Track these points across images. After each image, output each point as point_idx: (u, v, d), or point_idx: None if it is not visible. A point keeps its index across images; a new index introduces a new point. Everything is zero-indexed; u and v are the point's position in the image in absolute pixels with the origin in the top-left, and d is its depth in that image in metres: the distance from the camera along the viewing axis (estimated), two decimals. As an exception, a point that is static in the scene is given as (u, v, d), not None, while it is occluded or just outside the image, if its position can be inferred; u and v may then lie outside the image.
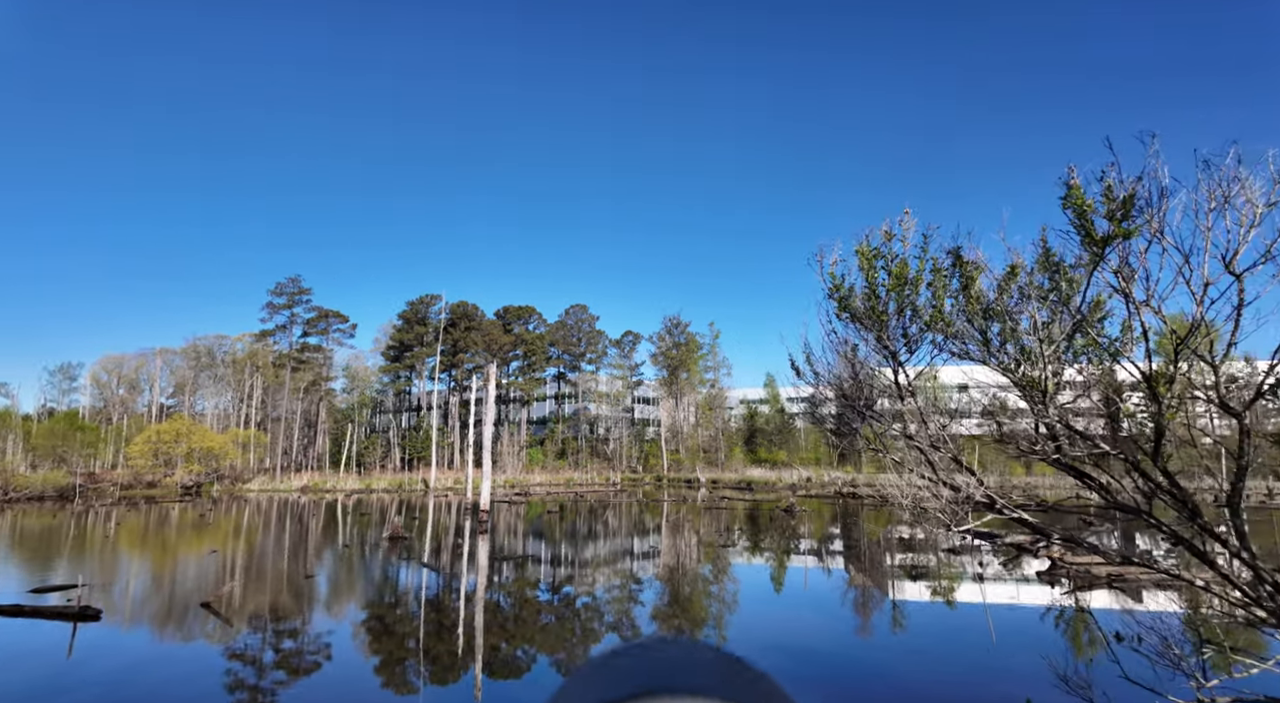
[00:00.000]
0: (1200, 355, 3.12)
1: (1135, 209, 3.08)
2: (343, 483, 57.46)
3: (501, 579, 15.83)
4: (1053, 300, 3.46)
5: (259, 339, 75.16)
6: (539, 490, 53.30)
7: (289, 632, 10.95)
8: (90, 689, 7.91)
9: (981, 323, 3.61)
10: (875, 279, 3.88)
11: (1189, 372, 3.23)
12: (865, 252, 3.90)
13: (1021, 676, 7.82)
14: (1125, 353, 3.38)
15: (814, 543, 22.81)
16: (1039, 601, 12.76)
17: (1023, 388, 3.42)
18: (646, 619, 11.71)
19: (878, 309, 3.84)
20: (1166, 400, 3.08)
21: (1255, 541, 13.84)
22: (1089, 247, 3.22)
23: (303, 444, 73.27)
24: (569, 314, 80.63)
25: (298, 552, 20.12)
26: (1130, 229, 3.08)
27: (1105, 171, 3.11)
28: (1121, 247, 3.17)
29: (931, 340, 3.89)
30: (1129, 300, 3.22)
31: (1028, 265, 3.59)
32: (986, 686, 7.91)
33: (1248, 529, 3.13)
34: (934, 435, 3.68)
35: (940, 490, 3.56)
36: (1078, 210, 3.19)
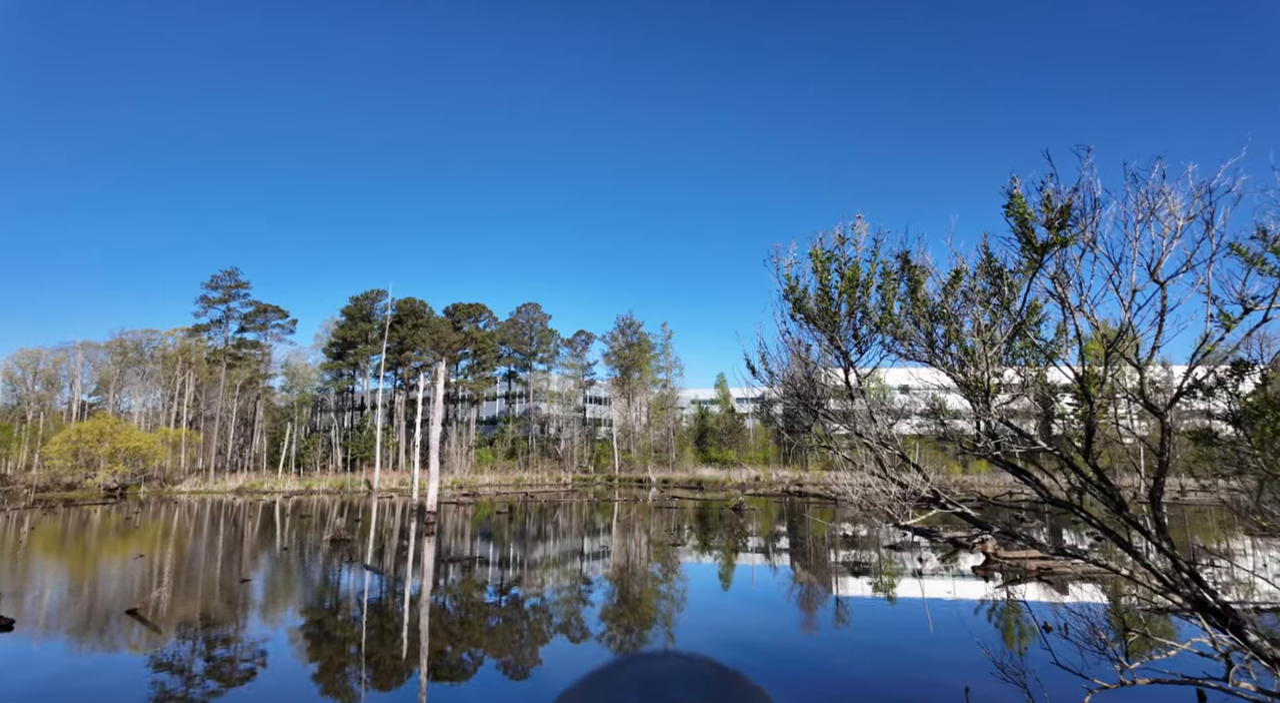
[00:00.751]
0: (1127, 358, 3.32)
1: (1071, 219, 3.26)
2: (281, 484, 55.38)
3: (448, 582, 15.53)
4: (994, 304, 3.63)
5: (192, 334, 71.76)
6: (488, 491, 52.52)
7: (222, 639, 10.47)
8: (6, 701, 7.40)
9: (928, 325, 3.75)
10: (828, 281, 3.98)
11: (1117, 374, 3.44)
12: (819, 254, 4.00)
13: (959, 665, 8.13)
14: (1060, 355, 3.58)
15: (761, 541, 23.19)
16: (975, 594, 13.29)
17: (965, 388, 3.57)
18: (595, 620, 11.67)
19: (830, 311, 3.94)
20: (1097, 400, 3.27)
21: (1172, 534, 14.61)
22: (1029, 253, 3.39)
23: (238, 444, 70.31)
24: (521, 313, 79.80)
25: (232, 555, 19.28)
26: (1067, 238, 3.26)
27: (1045, 183, 3.28)
28: (1058, 254, 3.35)
29: (881, 341, 4.02)
30: (1064, 305, 3.41)
31: (971, 270, 3.76)
32: (926, 676, 8.18)
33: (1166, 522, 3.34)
34: (882, 434, 3.81)
35: (889, 487, 3.68)
36: (1019, 219, 3.35)
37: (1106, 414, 3.50)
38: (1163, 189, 3.19)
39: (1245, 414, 3.22)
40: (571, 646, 10.05)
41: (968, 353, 3.61)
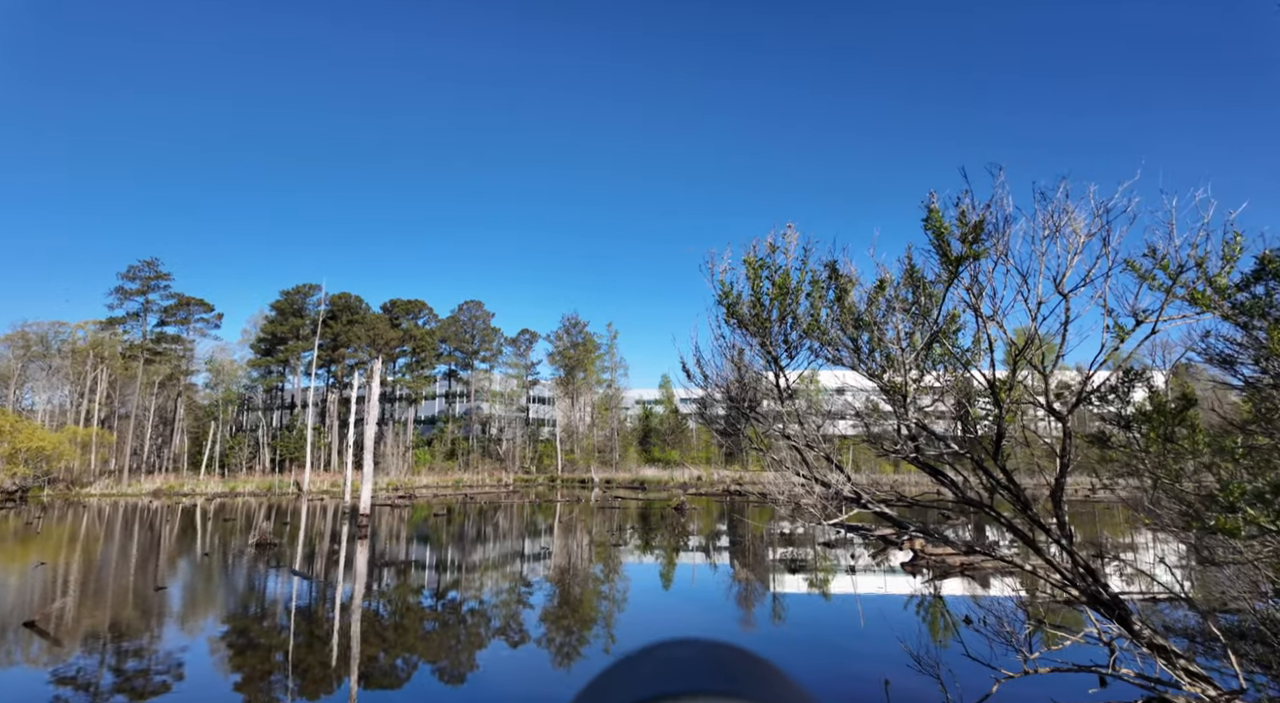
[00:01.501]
0: (1034, 365, 3.56)
1: (985, 233, 3.47)
2: (203, 486, 52.59)
3: (382, 586, 15.11)
4: (915, 313, 3.82)
5: (106, 327, 67.29)
6: (426, 493, 51.26)
7: (134, 651, 9.87)
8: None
9: (853, 332, 3.92)
10: (760, 288, 4.10)
11: (1026, 380, 3.68)
12: (752, 262, 4.11)
13: (883, 658, 8.46)
14: (975, 362, 3.80)
15: (702, 540, 23.50)
16: (903, 589, 13.85)
17: (887, 393, 3.74)
18: (535, 623, 11.58)
19: (762, 317, 4.06)
20: (1006, 405, 3.49)
21: (1080, 530, 15.56)
22: (946, 265, 3.59)
23: (156, 444, 66.39)
24: (463, 310, 78.24)
25: (147, 562, 18.19)
26: (979, 251, 3.46)
27: (960, 199, 3.48)
28: (973, 266, 3.56)
29: (809, 347, 4.16)
30: (978, 315, 3.62)
31: (895, 280, 3.94)
32: (852, 669, 8.47)
33: (1068, 520, 3.59)
34: (809, 436, 3.95)
35: (814, 487, 3.82)
36: (936, 232, 3.54)
37: (1017, 419, 3.75)
38: (1066, 207, 3.43)
39: (1135, 419, 3.51)
40: (510, 649, 9.95)
41: (889, 359, 3.79)
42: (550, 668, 8.97)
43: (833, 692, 7.41)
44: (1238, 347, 3.24)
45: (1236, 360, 3.34)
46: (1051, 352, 3.58)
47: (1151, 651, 3.00)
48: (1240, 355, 3.29)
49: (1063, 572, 3.35)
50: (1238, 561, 3.45)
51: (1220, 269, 3.06)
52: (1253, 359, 3.12)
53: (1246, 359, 3.23)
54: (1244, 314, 2.97)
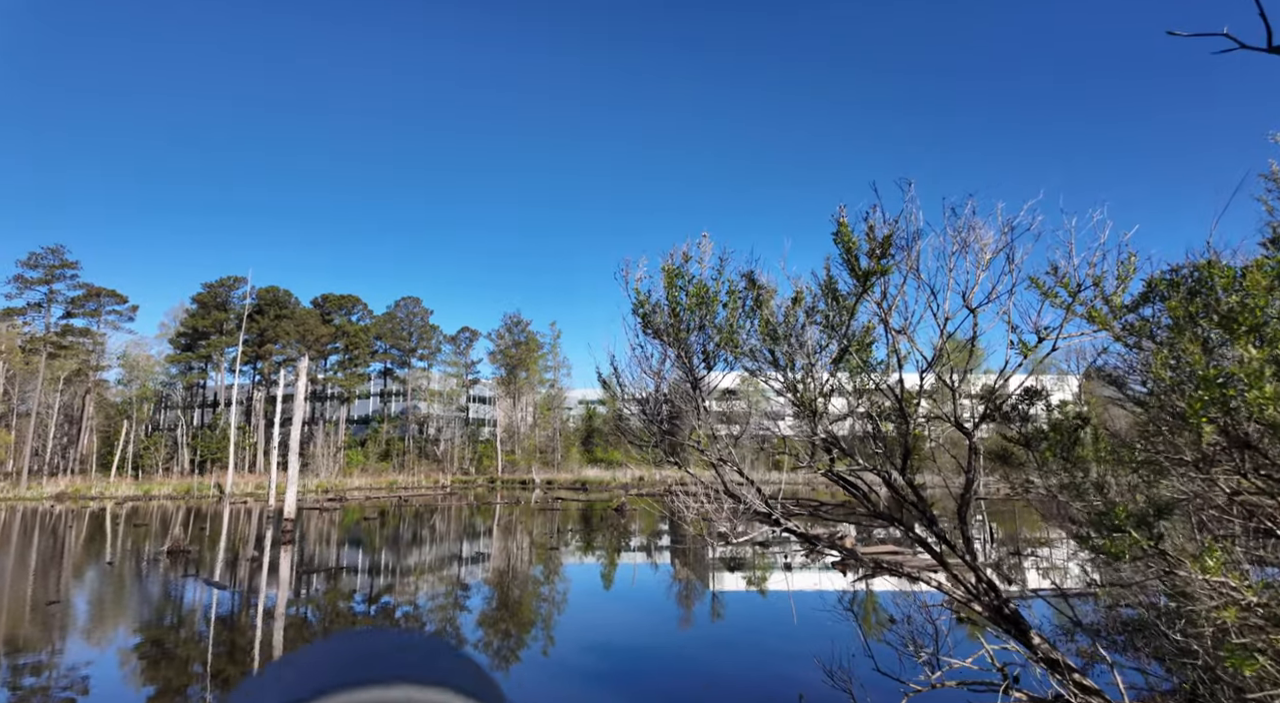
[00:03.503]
0: (942, 380, 3.69)
1: (894, 248, 3.57)
2: (114, 489, 49.36)
3: (309, 593, 14.50)
4: (830, 324, 3.90)
5: (3, 318, 62.28)
6: (357, 495, 49.57)
7: (30, 667, 9.15)
8: None
9: (770, 344, 3.97)
10: (676, 298, 4.10)
11: (935, 394, 3.81)
12: (670, 270, 4.10)
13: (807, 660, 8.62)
14: (885, 376, 3.90)
15: (643, 540, 23.57)
16: (836, 587, 14.24)
17: (797, 406, 3.81)
18: (471, 625, 11.36)
19: (678, 327, 4.07)
20: (913, 420, 3.61)
21: (1001, 527, 16.43)
22: (855, 279, 3.68)
23: (61, 444, 61.94)
24: (399, 307, 76.02)
25: (45, 572, 16.91)
26: (887, 267, 3.56)
27: (870, 213, 3.57)
28: (884, 280, 3.66)
29: (725, 358, 4.20)
30: (888, 328, 3.72)
31: (814, 289, 4.02)
32: (776, 670, 8.62)
33: (995, 528, 3.75)
34: (724, 452, 3.98)
35: (724, 503, 3.86)
36: (845, 247, 3.61)
37: (925, 432, 3.87)
38: (974, 224, 3.56)
39: (1034, 437, 3.68)
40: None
41: (805, 370, 3.86)
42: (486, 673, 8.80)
43: (750, 696, 7.56)
44: (1128, 367, 3.46)
45: (1126, 380, 3.56)
46: (960, 365, 3.73)
47: (1046, 666, 3.16)
48: (1129, 376, 3.50)
49: (967, 586, 3.48)
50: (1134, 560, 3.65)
51: (1116, 288, 3.25)
52: (1140, 380, 3.32)
53: (1135, 378, 3.44)
54: (1133, 334, 3.16)
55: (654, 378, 4.41)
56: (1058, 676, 3.14)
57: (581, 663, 9.15)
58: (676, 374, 4.34)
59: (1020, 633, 3.30)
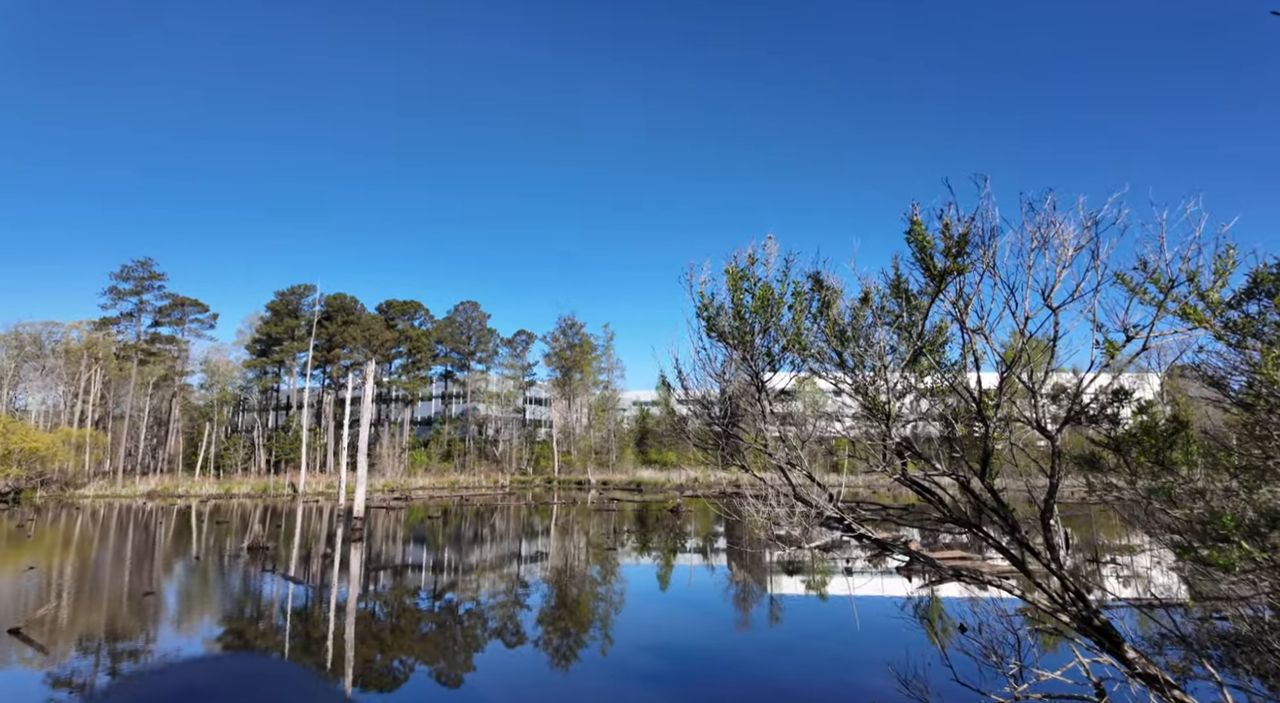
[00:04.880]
0: (1022, 382, 3.52)
1: (970, 245, 3.43)
2: (198, 487, 52.41)
3: (377, 588, 15.05)
4: (901, 325, 3.78)
5: (99, 328, 67.00)
6: (421, 494, 51.16)
7: (128, 653, 9.82)
8: None
9: (837, 345, 3.87)
10: (741, 301, 4.06)
11: (1014, 396, 3.64)
12: (734, 273, 4.06)
13: (875, 667, 8.41)
14: (962, 378, 3.75)
15: (699, 542, 23.47)
16: (898, 592, 13.83)
17: (869, 410, 3.71)
18: (531, 624, 11.55)
19: (743, 330, 4.02)
20: (993, 424, 3.46)
21: (1077, 532, 15.54)
22: (929, 278, 3.55)
23: (151, 445, 66.16)
24: (459, 311, 78.13)
25: (141, 565, 18.10)
26: (964, 265, 3.42)
27: (944, 210, 3.44)
28: (959, 279, 3.52)
29: (791, 361, 4.12)
30: (964, 328, 3.58)
31: (883, 289, 3.90)
32: (841, 676, 8.43)
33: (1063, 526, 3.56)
34: (791, 455, 3.90)
35: (795, 508, 3.78)
36: (919, 246, 3.50)
37: (1005, 436, 3.70)
38: (1054, 219, 3.39)
39: (1124, 442, 3.47)
40: (506, 651, 9.92)
41: (875, 371, 3.75)
42: (547, 670, 8.94)
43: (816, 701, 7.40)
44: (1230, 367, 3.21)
45: (1227, 380, 3.31)
46: (1041, 367, 3.55)
47: (1145, 682, 2.96)
48: (1231, 376, 3.25)
49: (1052, 595, 3.31)
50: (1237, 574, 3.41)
51: (1212, 284, 3.04)
52: (1246, 381, 3.08)
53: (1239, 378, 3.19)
54: (1235, 332, 2.94)
55: (718, 380, 4.38)
56: (1155, 692, 2.95)
57: (640, 664, 9.18)
58: (741, 376, 4.30)
59: (1113, 645, 3.12)
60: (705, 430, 4.62)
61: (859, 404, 3.81)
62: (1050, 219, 3.37)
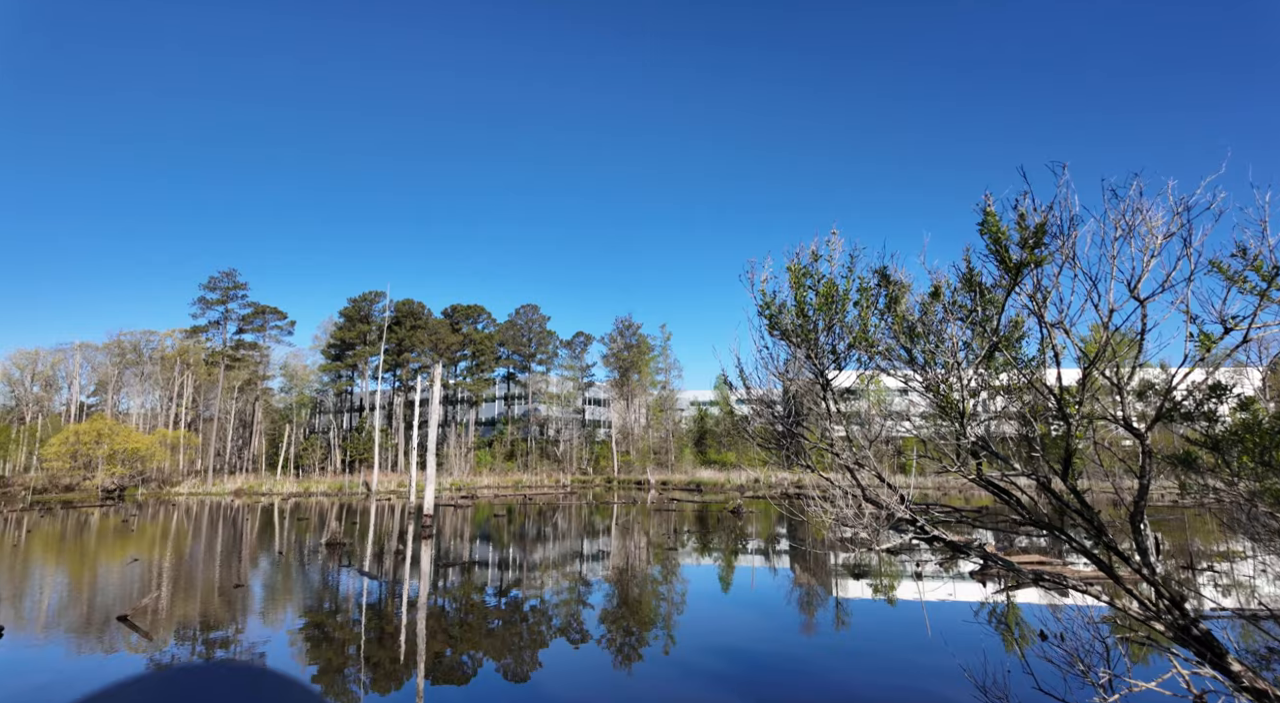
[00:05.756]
0: (1106, 377, 3.32)
1: (1048, 236, 3.25)
2: (280, 486, 55.35)
3: (446, 584, 15.54)
4: (974, 320, 3.62)
5: (190, 335, 71.71)
6: (487, 493, 52.51)
7: (220, 642, 10.49)
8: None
9: (906, 342, 3.74)
10: (804, 298, 3.97)
11: (1097, 392, 3.43)
12: (796, 269, 3.98)
13: (949, 676, 8.11)
14: (1040, 375, 3.56)
15: (760, 543, 23.19)
16: (972, 597, 13.30)
17: (942, 409, 3.57)
18: (595, 623, 11.68)
19: (807, 328, 3.94)
20: (1075, 422, 3.27)
21: (1168, 537, 14.47)
22: (1005, 271, 3.38)
23: (237, 446, 70.30)
24: (519, 314, 79.82)
25: (230, 559, 19.27)
26: (1042, 257, 3.25)
27: (1019, 200, 3.27)
28: (1037, 271, 3.34)
29: (858, 358, 4.00)
30: (1042, 322, 3.39)
31: (954, 283, 3.75)
32: (912, 685, 8.16)
33: (1160, 539, 3.35)
34: (859, 455, 3.80)
35: (864, 508, 3.67)
36: (993, 237, 3.34)
37: (1088, 434, 3.49)
38: (1141, 205, 3.18)
39: (1224, 440, 3.21)
40: (570, 649, 10.07)
41: (947, 368, 3.60)
42: (611, 669, 9.03)
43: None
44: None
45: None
46: (1127, 362, 3.34)
47: (1253, 697, 2.74)
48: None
49: (1144, 603, 3.10)
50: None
51: (1323, 270, 2.79)
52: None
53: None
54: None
55: (780, 379, 4.32)
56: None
57: (704, 665, 9.15)
58: (805, 375, 4.22)
59: (1215, 657, 2.90)
60: (767, 430, 4.56)
61: (929, 402, 3.67)
62: (1136, 206, 3.16)
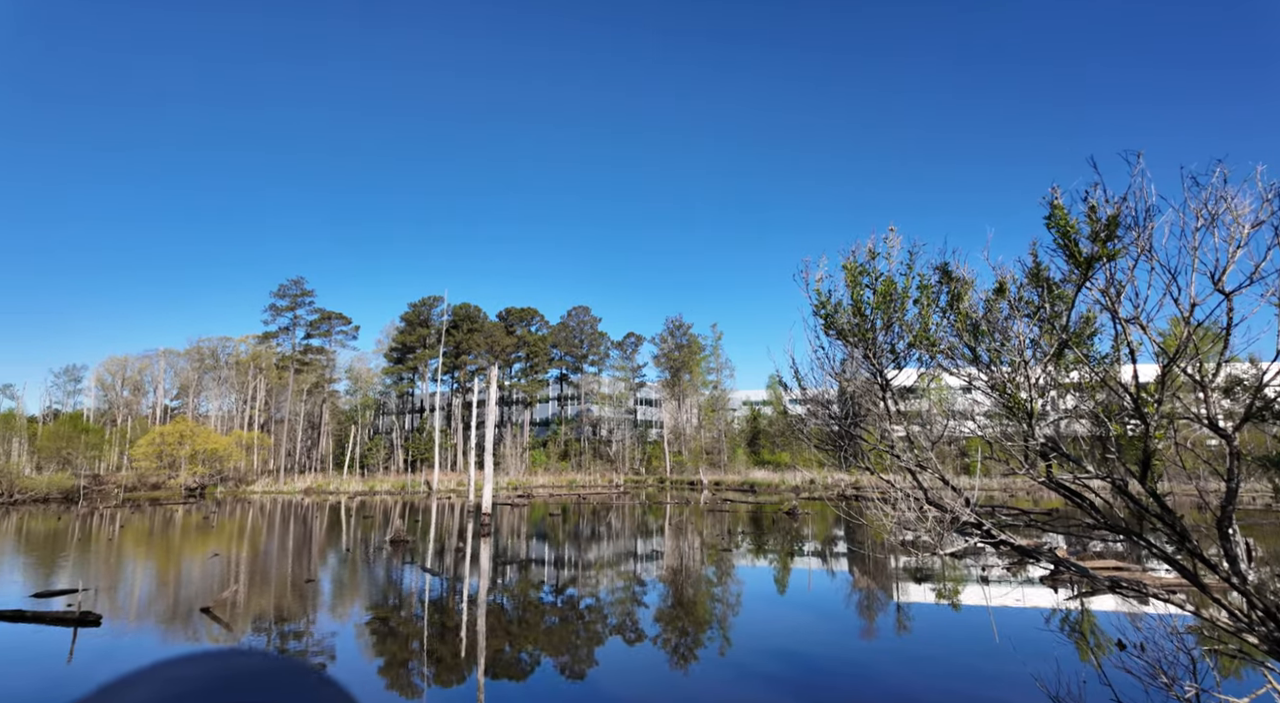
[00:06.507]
0: (1189, 375, 3.12)
1: (1121, 228, 3.09)
2: (346, 485, 57.61)
3: (504, 582, 15.87)
4: (1042, 317, 3.46)
5: (262, 341, 75.45)
6: (542, 492, 53.35)
7: (293, 634, 11.01)
8: (89, 696, 7.94)
9: (970, 340, 3.61)
10: (861, 296, 3.89)
11: (1177, 390, 3.23)
12: (852, 268, 3.90)
13: (1018, 684, 7.80)
14: (1115, 372, 3.38)
15: (817, 545, 22.80)
16: (1042, 603, 12.74)
17: (1009, 409, 3.43)
18: (650, 622, 11.73)
19: (864, 327, 3.85)
20: (1153, 421, 3.09)
21: (1261, 543, 13.48)
22: (1074, 266, 3.23)
23: (306, 446, 73.49)
24: (571, 316, 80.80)
25: (301, 555, 20.19)
26: (1115, 250, 3.08)
27: (1089, 192, 3.11)
28: (1108, 264, 3.17)
29: (919, 358, 3.89)
30: (1115, 318, 3.22)
31: (1019, 279, 3.60)
32: (976, 692, 7.89)
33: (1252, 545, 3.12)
34: (921, 457, 3.68)
35: (926, 511, 3.56)
36: (1062, 231, 3.19)
37: (1167, 435, 3.28)
38: (1225, 193, 2.98)
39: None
40: (626, 647, 10.15)
41: (1014, 366, 3.46)
42: (666, 669, 9.05)
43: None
44: None
45: None
46: (1211, 357, 3.13)
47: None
48: None
49: (1235, 613, 2.90)
50: None
51: None
52: None
53: None
54: None
55: (837, 379, 4.24)
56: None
57: (761, 666, 9.06)
58: (862, 375, 4.13)
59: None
60: (823, 431, 4.48)
61: (994, 402, 3.53)
62: (1220, 194, 2.97)
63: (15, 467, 49.68)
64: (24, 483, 45.44)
